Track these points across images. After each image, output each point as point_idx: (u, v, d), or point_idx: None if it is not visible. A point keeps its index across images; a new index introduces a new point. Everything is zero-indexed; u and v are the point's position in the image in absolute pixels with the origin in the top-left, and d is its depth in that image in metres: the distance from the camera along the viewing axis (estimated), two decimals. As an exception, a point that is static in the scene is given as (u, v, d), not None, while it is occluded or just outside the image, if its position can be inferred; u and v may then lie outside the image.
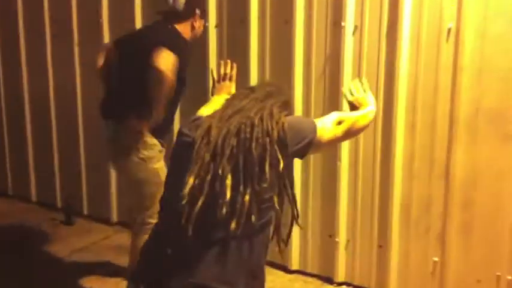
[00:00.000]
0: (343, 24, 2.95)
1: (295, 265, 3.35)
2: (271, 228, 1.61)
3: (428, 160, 2.86)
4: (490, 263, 2.77)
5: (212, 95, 2.28)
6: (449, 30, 2.71)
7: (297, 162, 3.22)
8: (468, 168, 2.76)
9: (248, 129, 1.51)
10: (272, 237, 1.61)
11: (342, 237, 3.16)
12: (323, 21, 3.05)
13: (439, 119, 2.80)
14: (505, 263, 2.73)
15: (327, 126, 1.69)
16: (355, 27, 2.95)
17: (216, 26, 3.38)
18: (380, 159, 3.00)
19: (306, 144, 1.62)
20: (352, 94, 2.04)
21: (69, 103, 4.09)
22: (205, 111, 1.85)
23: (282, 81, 3.13)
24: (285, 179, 1.54)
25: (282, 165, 1.50)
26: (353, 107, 2.02)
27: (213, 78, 2.33)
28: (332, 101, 3.06)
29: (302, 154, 1.64)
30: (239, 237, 1.50)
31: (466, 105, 2.71)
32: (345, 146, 3.05)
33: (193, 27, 2.80)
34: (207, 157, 1.49)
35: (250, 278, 1.58)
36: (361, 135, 3.01)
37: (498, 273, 2.75)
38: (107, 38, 3.79)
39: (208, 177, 1.48)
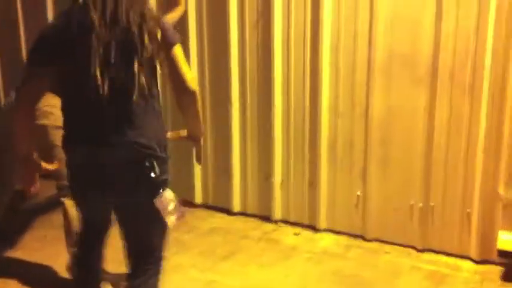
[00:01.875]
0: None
1: (236, 207, 3.64)
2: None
3: (351, 101, 3.16)
4: (405, 193, 3.10)
5: None
6: (366, -17, 3.01)
7: (235, 114, 3.48)
8: (384, 108, 3.08)
9: (136, 31, 1.73)
10: None
11: (277, 177, 3.45)
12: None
13: (358, 63, 3.10)
14: (417, 193, 3.06)
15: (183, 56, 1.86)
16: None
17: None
18: (309, 102, 3.28)
19: (169, 38, 1.80)
20: None
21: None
22: None
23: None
24: (160, 55, 1.79)
25: (159, 37, 1.76)
26: None
27: None
28: (264, 47, 3.34)
29: (165, 44, 1.80)
30: (141, 106, 1.80)
31: (381, 51, 3.02)
32: (278, 92, 3.34)
33: None
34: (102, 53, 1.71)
35: (158, 143, 1.84)
36: (292, 81, 3.30)
37: (412, 202, 3.09)
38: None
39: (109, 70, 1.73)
